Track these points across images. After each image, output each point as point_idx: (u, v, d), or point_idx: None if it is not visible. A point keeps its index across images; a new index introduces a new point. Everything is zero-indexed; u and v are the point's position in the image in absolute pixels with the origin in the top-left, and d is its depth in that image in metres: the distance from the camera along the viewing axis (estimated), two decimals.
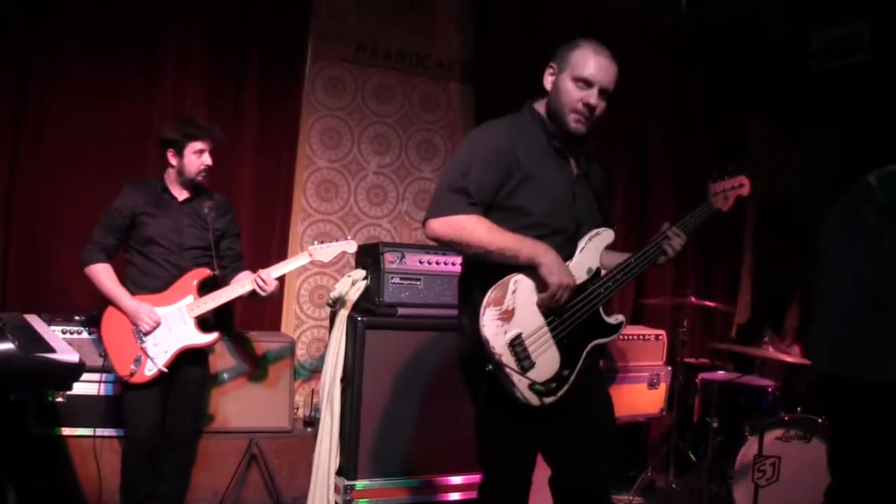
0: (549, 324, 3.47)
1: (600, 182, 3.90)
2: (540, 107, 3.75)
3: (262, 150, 6.66)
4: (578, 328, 3.54)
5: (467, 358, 3.62)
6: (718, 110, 8.53)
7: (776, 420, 5.64)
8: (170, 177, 5.04)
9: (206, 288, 4.99)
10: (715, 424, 6.15)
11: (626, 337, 6.70)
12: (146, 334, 4.80)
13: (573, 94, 3.60)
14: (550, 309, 3.47)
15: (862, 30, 7.50)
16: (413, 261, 5.53)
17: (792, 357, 6.10)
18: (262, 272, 4.93)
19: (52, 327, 4.95)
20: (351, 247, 5.25)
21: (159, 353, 4.80)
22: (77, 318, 5.50)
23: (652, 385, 6.75)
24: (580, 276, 3.55)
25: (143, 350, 4.78)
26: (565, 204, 3.65)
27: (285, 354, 6.01)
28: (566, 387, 3.49)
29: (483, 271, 3.47)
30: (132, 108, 6.17)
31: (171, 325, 4.85)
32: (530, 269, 3.43)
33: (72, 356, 3.64)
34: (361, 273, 5.61)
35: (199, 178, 5.01)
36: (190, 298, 4.91)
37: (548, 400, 3.43)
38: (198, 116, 5.19)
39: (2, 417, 4.80)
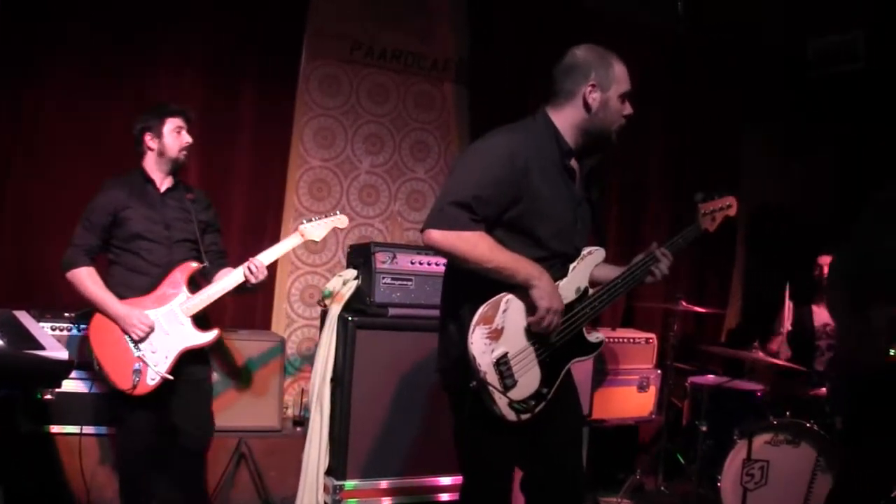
0: (533, 344, 3.50)
1: (597, 201, 3.90)
2: (556, 116, 3.67)
3: (256, 148, 6.66)
4: (561, 347, 3.58)
5: (450, 367, 3.62)
6: (714, 119, 8.55)
7: (765, 424, 5.65)
8: (150, 164, 4.82)
9: (193, 284, 4.80)
10: (704, 428, 6.17)
11: (616, 340, 6.72)
12: (140, 341, 4.56)
13: (621, 111, 3.66)
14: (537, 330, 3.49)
15: (857, 38, 7.53)
16: (405, 261, 5.52)
17: (781, 361, 6.11)
18: (254, 259, 4.75)
19: (42, 324, 4.88)
20: (342, 221, 5.16)
21: (159, 359, 4.57)
22: (67, 314, 5.40)
23: (642, 388, 6.77)
24: (568, 296, 3.58)
25: (141, 358, 4.53)
26: (568, 229, 3.65)
27: (275, 354, 5.98)
28: (544, 404, 3.53)
29: (473, 284, 3.46)
30: (128, 107, 6.05)
31: (167, 327, 4.63)
32: (522, 289, 3.44)
33: (61, 353, 3.62)
34: (352, 273, 5.60)
35: (182, 156, 4.83)
36: (182, 296, 4.70)
37: (524, 417, 3.46)
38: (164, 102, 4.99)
39: None
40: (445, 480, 5.55)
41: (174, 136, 4.79)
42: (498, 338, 3.41)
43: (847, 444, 4.64)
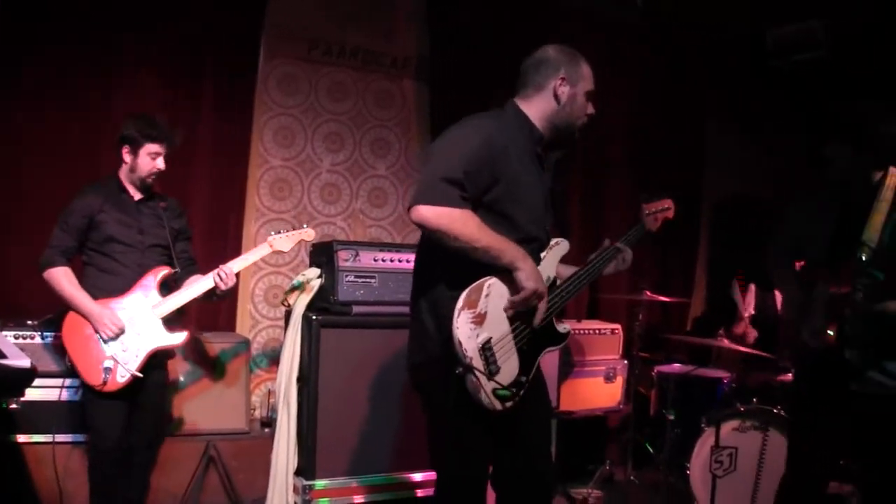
0: (513, 330, 3.51)
1: (560, 193, 3.95)
2: (525, 107, 3.75)
3: (216, 149, 6.63)
4: (536, 336, 3.59)
5: (426, 360, 3.61)
6: (677, 110, 8.58)
7: (732, 411, 5.68)
8: (124, 173, 4.96)
9: (165, 287, 4.94)
10: (671, 417, 6.20)
11: (582, 331, 6.74)
12: (111, 340, 4.70)
13: (585, 108, 3.79)
14: (517, 315, 3.49)
15: (816, 26, 7.57)
16: (367, 258, 5.51)
17: (747, 348, 6.14)
18: (224, 266, 4.93)
19: (4, 332, 4.93)
20: (309, 235, 5.36)
21: (130, 357, 4.72)
22: (29, 322, 5.37)
23: (608, 379, 6.78)
24: None
25: (112, 356, 4.68)
26: (541, 215, 3.71)
27: (241, 355, 5.97)
28: (523, 392, 3.52)
29: (450, 270, 3.48)
30: (88, 111, 6.13)
31: (138, 328, 4.78)
32: (501, 273, 3.45)
33: (23, 362, 3.59)
34: (316, 272, 5.58)
35: (149, 180, 4.95)
36: (154, 298, 4.85)
37: (508, 405, 3.44)
38: (160, 118, 5.10)
39: None
40: (417, 476, 5.54)
41: (148, 159, 4.90)
42: (482, 322, 3.40)
43: (794, 424, 4.67)
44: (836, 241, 4.13)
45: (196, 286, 4.94)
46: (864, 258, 3.92)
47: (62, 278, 4.72)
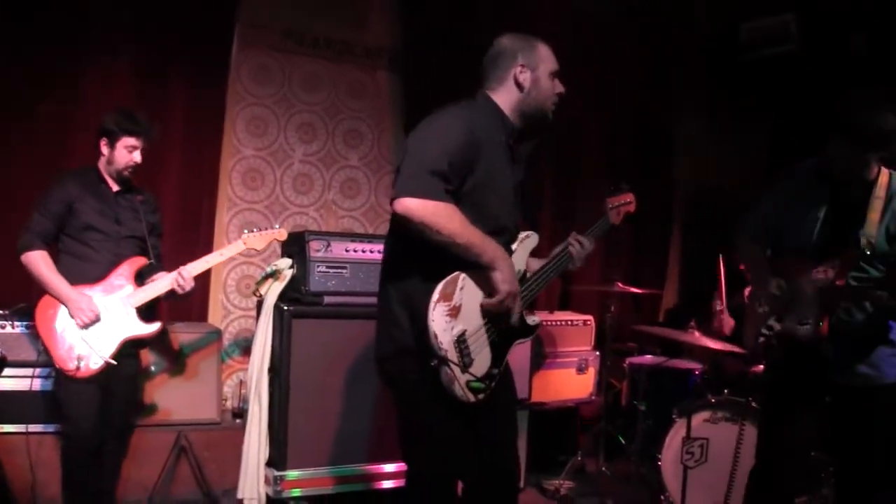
0: (486, 323, 3.52)
1: (529, 187, 3.96)
2: (498, 98, 3.75)
3: (188, 139, 6.62)
4: (507, 328, 3.60)
5: (398, 351, 3.59)
6: (649, 104, 8.59)
7: (703, 402, 5.69)
8: (102, 165, 5.02)
9: (140, 278, 5.00)
10: (643, 408, 6.22)
11: (554, 322, 6.74)
12: (85, 326, 4.74)
13: (552, 89, 3.78)
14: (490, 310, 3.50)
15: (789, 20, 7.60)
16: (339, 249, 5.50)
17: (716, 343, 6.15)
18: (182, 270, 4.99)
19: None
20: (281, 235, 5.42)
21: (103, 344, 4.77)
22: (1, 311, 5.36)
23: (580, 370, 6.80)
24: None
25: (87, 342, 4.73)
26: (511, 205, 3.71)
27: (212, 345, 5.95)
28: (494, 384, 3.55)
29: (426, 262, 3.47)
30: (59, 98, 6.10)
31: (113, 316, 4.84)
32: (474, 269, 3.45)
33: None
34: (287, 262, 5.57)
35: (126, 172, 5.00)
36: (129, 288, 4.92)
37: (480, 396, 3.47)
38: (139, 113, 5.12)
39: None
40: (389, 467, 5.53)
41: (125, 152, 4.95)
42: (456, 315, 3.42)
43: (767, 416, 4.67)
44: (830, 235, 4.13)
45: (160, 283, 4.99)
46: (867, 252, 3.95)
47: (40, 262, 4.76)
